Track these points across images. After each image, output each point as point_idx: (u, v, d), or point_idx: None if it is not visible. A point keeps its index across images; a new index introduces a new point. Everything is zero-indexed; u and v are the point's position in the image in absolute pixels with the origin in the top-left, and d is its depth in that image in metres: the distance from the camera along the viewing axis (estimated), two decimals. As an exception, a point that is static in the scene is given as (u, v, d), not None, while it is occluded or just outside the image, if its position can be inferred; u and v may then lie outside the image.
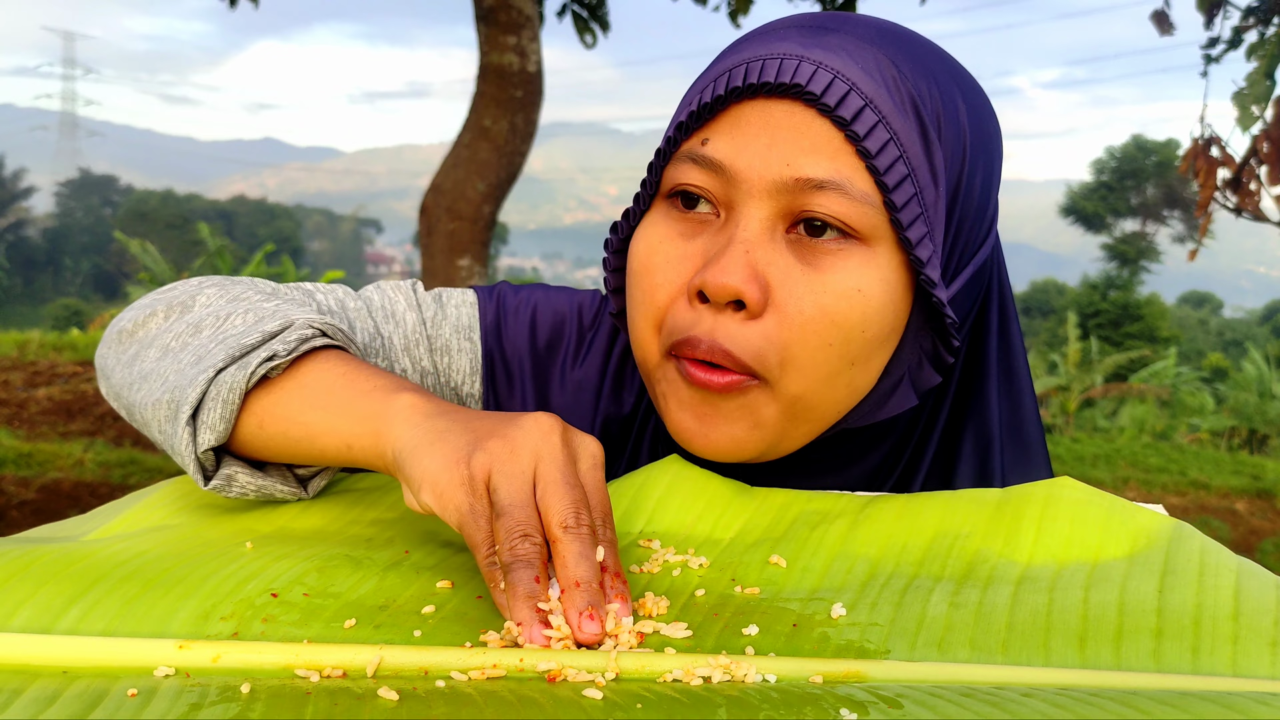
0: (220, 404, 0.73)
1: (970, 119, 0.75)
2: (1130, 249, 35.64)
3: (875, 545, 0.69)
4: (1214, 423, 16.13)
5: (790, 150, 0.70)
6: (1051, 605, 0.60)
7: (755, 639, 0.59)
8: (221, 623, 0.60)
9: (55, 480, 5.98)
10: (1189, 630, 0.57)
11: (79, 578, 0.64)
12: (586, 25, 5.58)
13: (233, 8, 5.38)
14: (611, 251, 0.84)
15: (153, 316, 0.84)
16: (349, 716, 0.51)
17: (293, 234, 58.50)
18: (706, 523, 0.73)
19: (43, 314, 35.28)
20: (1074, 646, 0.57)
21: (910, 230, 0.71)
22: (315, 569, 0.66)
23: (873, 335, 0.72)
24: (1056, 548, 0.66)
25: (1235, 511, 8.40)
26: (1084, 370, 17.73)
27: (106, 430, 7.13)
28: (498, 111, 4.85)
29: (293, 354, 0.75)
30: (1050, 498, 0.70)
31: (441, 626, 0.61)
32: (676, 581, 0.66)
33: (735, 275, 0.70)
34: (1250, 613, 0.58)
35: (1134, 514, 0.68)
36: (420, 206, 5.00)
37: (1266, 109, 3.44)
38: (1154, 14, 3.94)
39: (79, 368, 8.69)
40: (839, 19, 0.75)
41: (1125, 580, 0.62)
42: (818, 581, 0.66)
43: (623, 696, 0.53)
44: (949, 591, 0.63)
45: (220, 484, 0.76)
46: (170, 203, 55.30)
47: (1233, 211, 3.73)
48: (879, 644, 0.58)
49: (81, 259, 57.18)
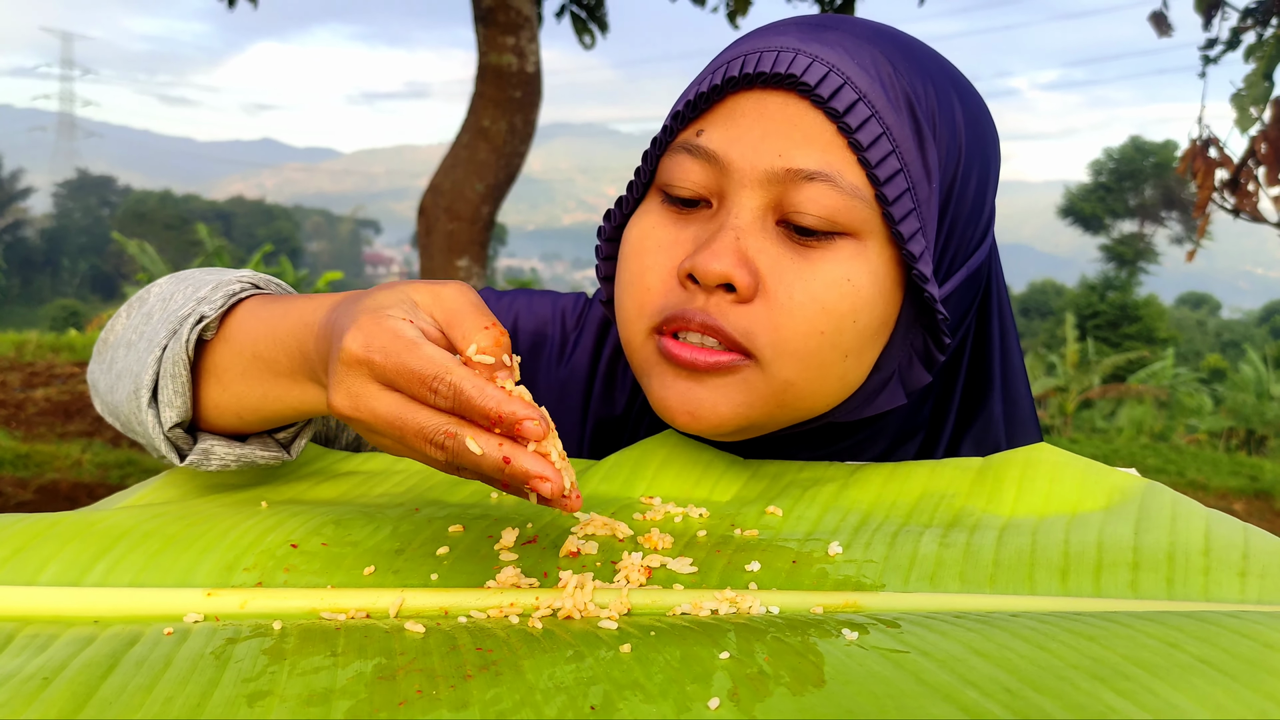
0: (171, 380, 0.74)
1: (966, 120, 0.75)
2: (1128, 250, 35.69)
3: (865, 501, 0.73)
4: (1212, 424, 16.15)
5: (783, 141, 0.71)
6: (1035, 545, 0.64)
7: (757, 575, 0.62)
8: (245, 573, 0.63)
9: (53, 481, 5.97)
10: (1163, 564, 0.61)
11: (103, 535, 0.66)
12: (585, 26, 5.58)
13: (231, 8, 5.38)
14: (604, 239, 0.84)
15: (117, 319, 0.86)
16: (380, 646, 0.53)
17: (291, 234, 58.50)
18: (704, 488, 0.77)
19: (40, 315, 35.28)
20: (1056, 579, 0.61)
21: (903, 225, 0.71)
22: (332, 521, 0.69)
23: (863, 326, 0.73)
24: (1037, 503, 0.70)
25: (1234, 511, 8.41)
26: (1082, 371, 17.74)
27: (104, 431, 7.13)
28: (496, 112, 4.86)
29: (221, 309, 0.75)
30: (1030, 461, 0.74)
31: (456, 567, 0.64)
32: (678, 525, 0.70)
33: (725, 260, 0.70)
34: (1220, 548, 0.62)
35: (1109, 474, 0.72)
36: (419, 207, 5.00)
37: (1265, 110, 3.44)
38: (1152, 15, 3.95)
39: (76, 368, 8.68)
40: (838, 19, 0.76)
41: (1103, 526, 0.66)
42: (813, 526, 0.70)
43: (636, 628, 0.56)
44: (938, 535, 0.67)
45: (198, 458, 0.76)
46: (168, 203, 55.32)
47: (1231, 212, 3.74)
48: (875, 578, 0.62)
49: (79, 260, 57.17)
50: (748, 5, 5.43)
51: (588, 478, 0.79)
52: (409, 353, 0.58)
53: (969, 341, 0.86)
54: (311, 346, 0.68)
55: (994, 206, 0.80)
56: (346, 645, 0.54)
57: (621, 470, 0.79)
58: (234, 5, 5.35)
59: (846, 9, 5.58)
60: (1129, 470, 0.73)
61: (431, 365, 0.57)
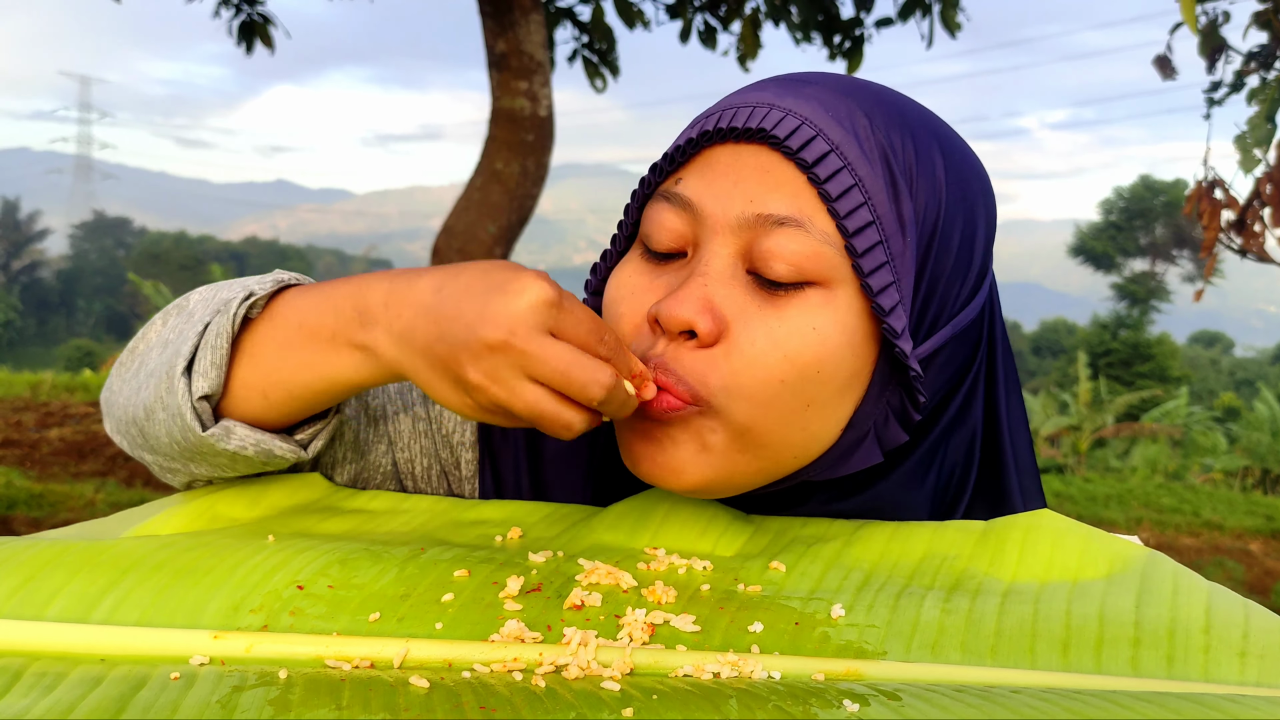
0: (211, 350, 0.76)
1: (949, 174, 0.75)
2: (1140, 288, 35.61)
3: (868, 559, 0.73)
4: (1227, 463, 16.02)
5: (754, 188, 0.72)
6: (1036, 615, 0.64)
7: (760, 636, 0.62)
8: (251, 615, 0.63)
9: (67, 521, 5.99)
10: (1164, 640, 0.61)
11: (110, 567, 0.66)
12: (597, 70, 5.66)
13: (249, 54, 5.47)
14: (590, 292, 0.86)
15: (151, 326, 0.87)
16: (384, 700, 0.54)
17: (304, 275, 58.71)
18: (708, 541, 0.77)
19: (55, 355, 35.42)
20: (1058, 652, 0.60)
21: (873, 277, 0.71)
22: (337, 561, 0.69)
23: (828, 377, 0.72)
24: (1039, 568, 0.70)
25: (1249, 552, 8.32)
26: (1095, 410, 17.64)
27: (118, 471, 7.15)
28: (509, 155, 4.91)
29: (269, 291, 0.78)
30: (1032, 526, 0.74)
31: (461, 615, 0.64)
32: (682, 578, 0.70)
33: (688, 307, 0.71)
34: (1220, 626, 0.62)
35: (1111, 541, 0.72)
36: (433, 248, 5.05)
37: (1269, 152, 3.46)
38: (1156, 59, 3.98)
39: (91, 408, 8.73)
40: (820, 75, 0.77)
41: (1104, 596, 0.66)
42: (816, 584, 0.69)
43: (639, 690, 0.56)
44: (940, 599, 0.66)
45: (219, 433, 0.77)
46: (183, 244, 55.75)
47: (1238, 253, 3.75)
48: (876, 645, 0.62)
49: (95, 300, 57.51)
50: (758, 49, 5.50)
51: (592, 526, 0.79)
52: (585, 308, 0.69)
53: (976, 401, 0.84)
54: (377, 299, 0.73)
55: (987, 263, 0.79)
56: (351, 699, 0.54)
57: (626, 520, 0.79)
58: (251, 50, 5.44)
59: (855, 50, 5.64)
60: (1130, 538, 0.73)
61: (600, 323, 0.69)
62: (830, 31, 5.61)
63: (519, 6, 4.79)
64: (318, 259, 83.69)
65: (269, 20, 5.41)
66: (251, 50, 5.45)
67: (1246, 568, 7.74)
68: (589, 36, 5.62)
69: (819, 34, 5.61)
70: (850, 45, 5.64)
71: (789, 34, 5.55)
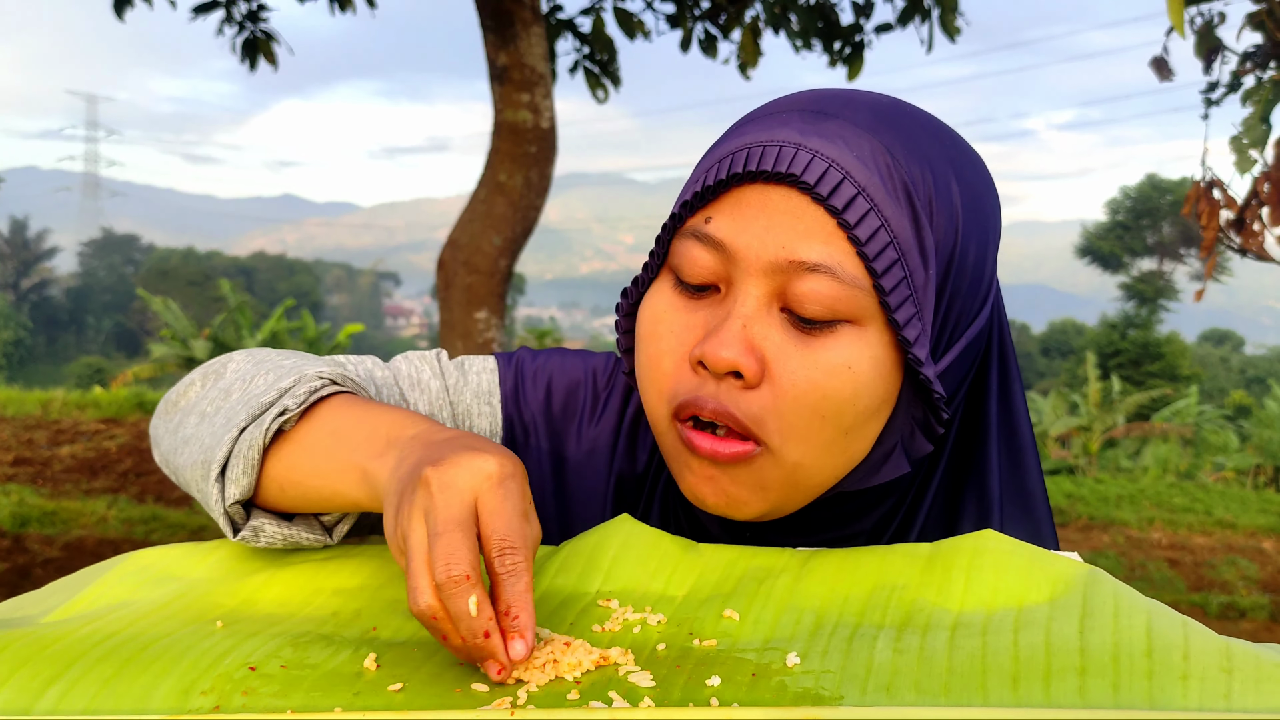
0: (242, 460, 0.80)
1: (964, 197, 0.78)
2: (1148, 288, 35.53)
3: (819, 597, 0.74)
4: (1239, 461, 15.97)
5: (786, 234, 0.74)
6: (985, 648, 0.65)
7: (718, 690, 0.63)
8: (202, 697, 0.62)
9: (79, 538, 6.02)
10: (1109, 667, 0.62)
11: (55, 659, 0.65)
12: (598, 81, 5.68)
13: (253, 70, 5.51)
14: (622, 315, 0.88)
15: (191, 386, 0.92)
16: None
17: (312, 288, 59.06)
18: (660, 580, 0.78)
19: (66, 372, 35.59)
20: (1008, 687, 0.62)
21: (899, 312, 0.74)
22: (289, 643, 0.69)
23: (863, 407, 0.76)
24: (985, 595, 0.71)
25: (1263, 551, 8.29)
26: (1105, 410, 17.59)
27: (129, 487, 7.19)
28: (513, 167, 4.94)
29: (303, 405, 0.81)
30: (976, 549, 0.75)
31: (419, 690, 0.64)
32: (638, 638, 0.70)
33: (733, 348, 0.74)
34: (1162, 649, 0.63)
35: (1053, 562, 0.73)
36: (438, 261, 5.08)
37: (1265, 151, 3.47)
38: (1153, 60, 3.99)
39: (102, 425, 8.77)
40: (840, 101, 0.79)
41: (1049, 623, 0.67)
42: (770, 632, 0.70)
43: None
44: (892, 638, 0.67)
45: (249, 535, 0.82)
46: (191, 260, 55.99)
47: (1238, 252, 3.75)
48: (833, 690, 0.62)
49: (104, 317, 57.80)
50: (758, 56, 5.52)
51: (545, 568, 0.79)
52: (519, 515, 0.67)
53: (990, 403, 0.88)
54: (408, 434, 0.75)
55: (994, 270, 0.83)
56: None
57: (577, 561, 0.79)
58: (255, 67, 5.48)
59: (855, 57, 5.66)
60: (1071, 555, 0.75)
61: (520, 538, 0.66)
62: (830, 38, 5.63)
63: (520, 20, 4.82)
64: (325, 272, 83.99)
65: (272, 37, 5.45)
66: (255, 67, 5.49)
67: (1260, 566, 7.71)
68: (590, 48, 5.64)
69: (819, 41, 5.63)
70: (850, 51, 5.66)
71: (789, 41, 5.56)
